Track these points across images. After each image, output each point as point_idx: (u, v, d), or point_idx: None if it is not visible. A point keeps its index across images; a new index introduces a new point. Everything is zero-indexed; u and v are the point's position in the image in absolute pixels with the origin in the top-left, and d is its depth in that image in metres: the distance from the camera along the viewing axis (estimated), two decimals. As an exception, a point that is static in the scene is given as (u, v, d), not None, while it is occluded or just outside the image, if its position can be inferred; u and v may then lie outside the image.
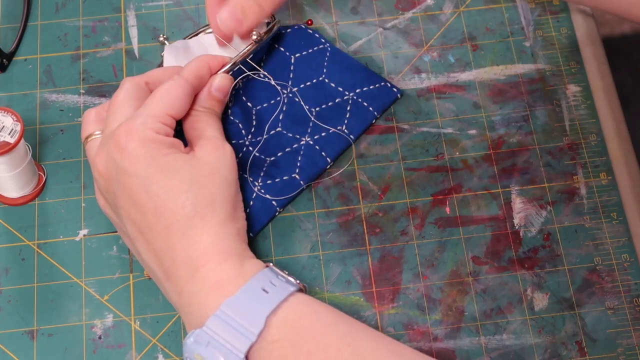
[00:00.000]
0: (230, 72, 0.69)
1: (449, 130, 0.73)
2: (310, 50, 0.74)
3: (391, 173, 0.72)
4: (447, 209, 0.70)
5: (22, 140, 0.67)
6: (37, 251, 0.69)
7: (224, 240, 0.60)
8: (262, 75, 0.71)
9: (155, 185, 0.60)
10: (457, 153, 0.72)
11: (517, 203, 0.71)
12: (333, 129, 0.71)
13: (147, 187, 0.61)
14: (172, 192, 0.60)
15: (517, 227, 0.70)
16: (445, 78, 0.75)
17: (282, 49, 0.74)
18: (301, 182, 0.70)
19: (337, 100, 0.72)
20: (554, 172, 0.72)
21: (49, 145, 0.73)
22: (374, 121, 0.73)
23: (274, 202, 0.69)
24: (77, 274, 0.68)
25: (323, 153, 0.71)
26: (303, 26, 0.75)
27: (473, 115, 0.74)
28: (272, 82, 0.72)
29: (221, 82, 0.67)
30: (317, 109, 0.72)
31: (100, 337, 0.66)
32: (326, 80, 0.73)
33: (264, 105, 0.72)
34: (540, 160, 0.72)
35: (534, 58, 0.76)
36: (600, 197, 0.71)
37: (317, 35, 0.74)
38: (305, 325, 0.57)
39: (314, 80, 0.73)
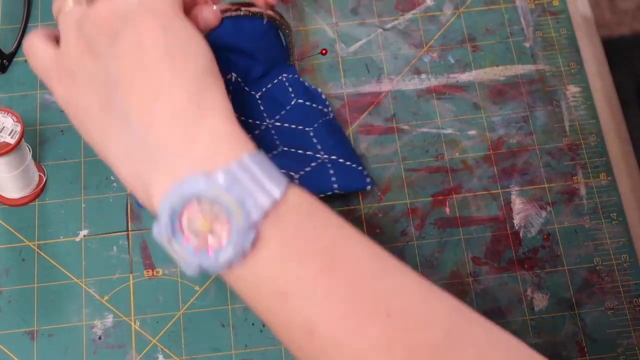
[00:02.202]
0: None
1: (449, 130, 0.73)
2: (313, 105, 0.72)
3: (391, 173, 0.72)
4: (447, 210, 0.70)
5: (23, 141, 0.67)
6: (38, 252, 0.69)
7: (235, 123, 0.50)
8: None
9: (174, 28, 0.50)
10: (457, 154, 0.72)
11: (517, 203, 0.71)
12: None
13: (166, 27, 0.50)
14: (192, 39, 0.51)
15: (517, 228, 0.70)
16: (445, 79, 0.75)
17: (287, 83, 0.72)
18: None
19: (311, 161, 0.69)
20: (553, 172, 0.72)
21: (49, 146, 0.73)
22: (329, 193, 0.67)
23: None
24: (77, 274, 0.68)
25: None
26: (315, 90, 0.73)
27: (473, 116, 0.74)
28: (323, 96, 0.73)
29: (208, 15, 0.57)
30: (293, 150, 0.69)
31: (100, 338, 0.66)
32: (311, 134, 0.70)
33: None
34: (540, 161, 0.72)
35: (534, 59, 0.76)
36: (600, 198, 0.71)
37: (323, 97, 0.73)
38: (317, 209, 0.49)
39: (300, 127, 0.70)
